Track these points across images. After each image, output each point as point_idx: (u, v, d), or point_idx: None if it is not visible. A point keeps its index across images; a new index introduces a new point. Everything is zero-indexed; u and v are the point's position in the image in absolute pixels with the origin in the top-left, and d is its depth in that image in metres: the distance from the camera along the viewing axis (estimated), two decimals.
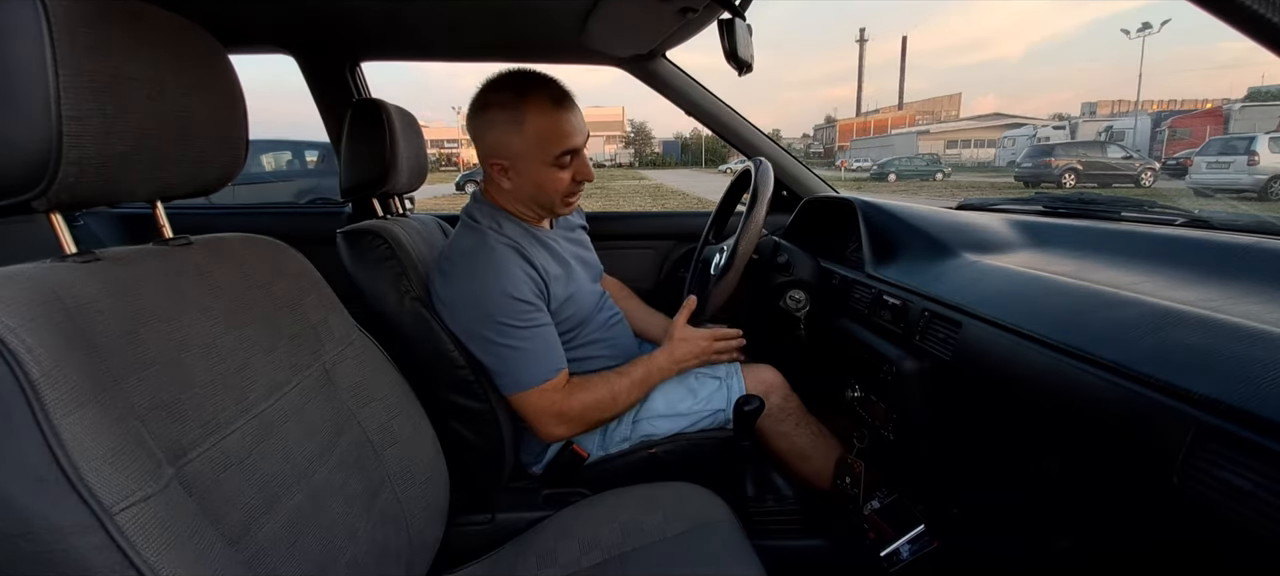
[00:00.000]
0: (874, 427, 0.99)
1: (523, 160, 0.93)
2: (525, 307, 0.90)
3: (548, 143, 0.91)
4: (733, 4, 0.92)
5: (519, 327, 0.90)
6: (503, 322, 0.89)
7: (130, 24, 0.49)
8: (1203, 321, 0.53)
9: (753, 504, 0.99)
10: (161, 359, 0.48)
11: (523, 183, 0.95)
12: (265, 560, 0.51)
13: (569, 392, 0.93)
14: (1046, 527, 0.73)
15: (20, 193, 0.44)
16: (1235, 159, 10.54)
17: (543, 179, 0.94)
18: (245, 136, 0.62)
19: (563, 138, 0.92)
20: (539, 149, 0.91)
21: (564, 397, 0.93)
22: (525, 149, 0.91)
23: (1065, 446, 0.61)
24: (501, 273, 0.90)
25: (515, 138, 0.91)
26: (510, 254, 0.92)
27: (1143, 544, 0.55)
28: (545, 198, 0.97)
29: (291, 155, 6.33)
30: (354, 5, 1.10)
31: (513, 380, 0.91)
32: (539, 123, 0.90)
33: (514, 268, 0.91)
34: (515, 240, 0.95)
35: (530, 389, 0.91)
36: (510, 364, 0.90)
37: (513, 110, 0.90)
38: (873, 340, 0.97)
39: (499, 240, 0.94)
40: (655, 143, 63.14)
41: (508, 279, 0.89)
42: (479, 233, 0.95)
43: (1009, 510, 0.81)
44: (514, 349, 0.90)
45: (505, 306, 0.89)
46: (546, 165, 0.93)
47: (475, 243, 0.93)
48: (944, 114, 67.50)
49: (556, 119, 0.91)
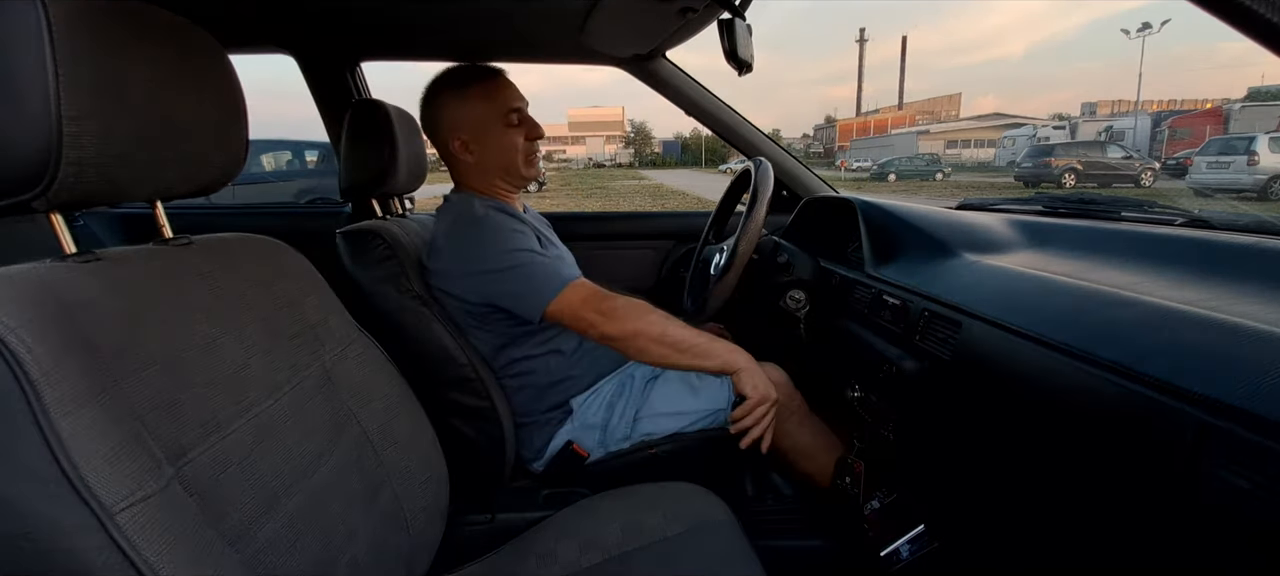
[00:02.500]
0: (874, 427, 0.99)
1: (479, 127, 1.01)
2: (523, 234, 0.96)
3: (495, 103, 1.01)
4: (733, 4, 0.92)
5: (524, 250, 0.94)
6: (507, 249, 0.93)
7: (130, 24, 0.49)
8: (1203, 321, 0.53)
9: (753, 503, 0.99)
10: (161, 359, 0.48)
11: (485, 152, 1.02)
12: (265, 560, 0.51)
13: (610, 294, 0.93)
14: (1046, 528, 0.73)
15: (20, 193, 0.44)
16: (1235, 159, 10.53)
17: (502, 141, 1.02)
18: (245, 136, 0.62)
19: (506, 98, 1.02)
20: (490, 111, 1.01)
21: (603, 294, 0.92)
22: (478, 115, 1.01)
23: (1065, 446, 0.61)
24: (491, 221, 0.97)
25: (466, 108, 1.01)
26: (497, 211, 1.00)
27: (1142, 544, 0.55)
28: (508, 159, 1.03)
29: (291, 155, 6.33)
30: (354, 5, 1.10)
31: (538, 294, 0.91)
32: (483, 89, 1.01)
33: (503, 217, 0.98)
34: (498, 206, 1.02)
35: (562, 290, 0.91)
36: (531, 280, 0.92)
37: (458, 88, 1.01)
38: (873, 340, 0.97)
39: (484, 204, 1.00)
40: (655, 143, 63.15)
41: (498, 222, 0.96)
42: (463, 206, 1.01)
43: (1009, 510, 0.81)
44: (527, 266, 0.92)
45: (504, 238, 0.94)
46: (500, 126, 1.01)
47: (458, 213, 1.00)
48: (944, 114, 67.51)
49: (495, 84, 1.02)
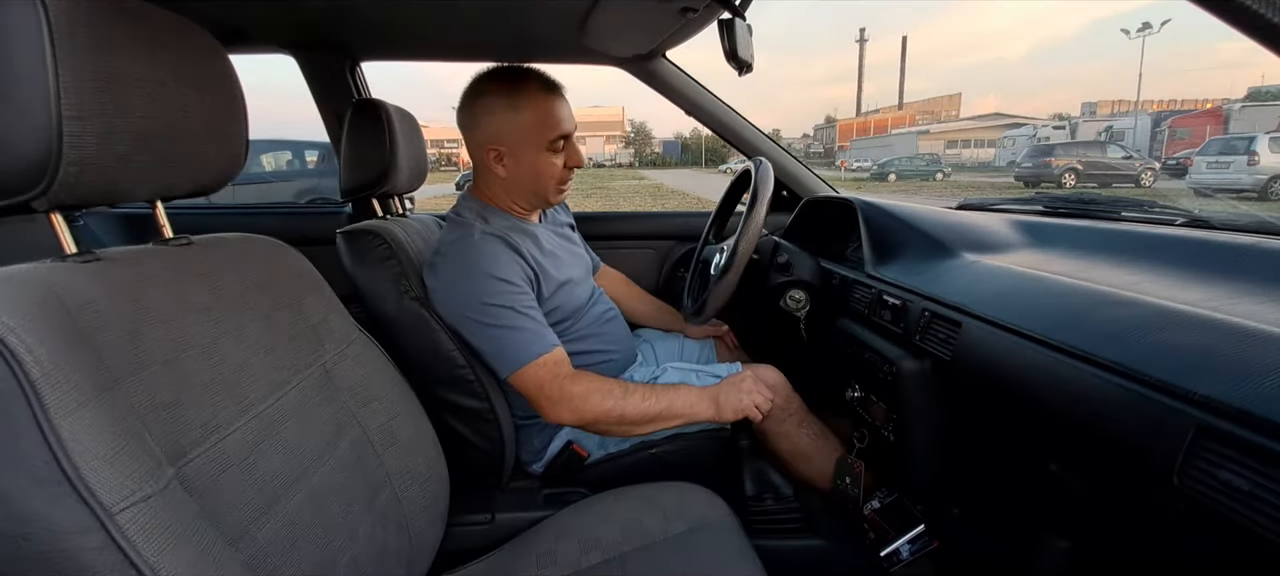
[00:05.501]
0: (874, 427, 0.99)
1: (520, 145, 0.95)
2: (512, 289, 0.91)
3: (544, 126, 0.95)
4: (733, 4, 0.92)
5: (507, 309, 0.89)
6: (491, 304, 0.89)
7: (130, 24, 0.49)
8: (1203, 321, 0.53)
9: (752, 504, 0.99)
10: (162, 359, 0.48)
11: (519, 169, 0.97)
12: (265, 560, 0.51)
13: (573, 376, 0.91)
14: (1046, 527, 0.73)
15: (20, 193, 0.44)
16: (1235, 159, 10.52)
17: (539, 164, 0.97)
18: (245, 136, 0.62)
19: (558, 122, 0.96)
20: (536, 132, 0.95)
21: (567, 375, 0.91)
22: (522, 133, 0.94)
23: (1065, 446, 0.62)
24: (487, 257, 0.91)
25: (512, 122, 0.94)
26: (495, 242, 0.93)
27: (1142, 543, 0.55)
28: (541, 184, 0.99)
29: (291, 155, 6.33)
30: (354, 5, 1.10)
31: (509, 359, 0.89)
32: (536, 106, 0.94)
33: (500, 253, 0.92)
34: (501, 232, 0.96)
35: (528, 364, 0.89)
36: (504, 343, 0.89)
37: (509, 96, 0.93)
38: (873, 340, 0.97)
39: (484, 230, 0.95)
40: (655, 143, 63.11)
41: (493, 262, 0.91)
42: (464, 226, 0.96)
43: (1009, 510, 0.81)
44: (506, 328, 0.89)
45: (492, 288, 0.89)
46: (542, 149, 0.96)
47: (461, 234, 0.94)
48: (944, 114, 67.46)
49: (551, 103, 0.95)
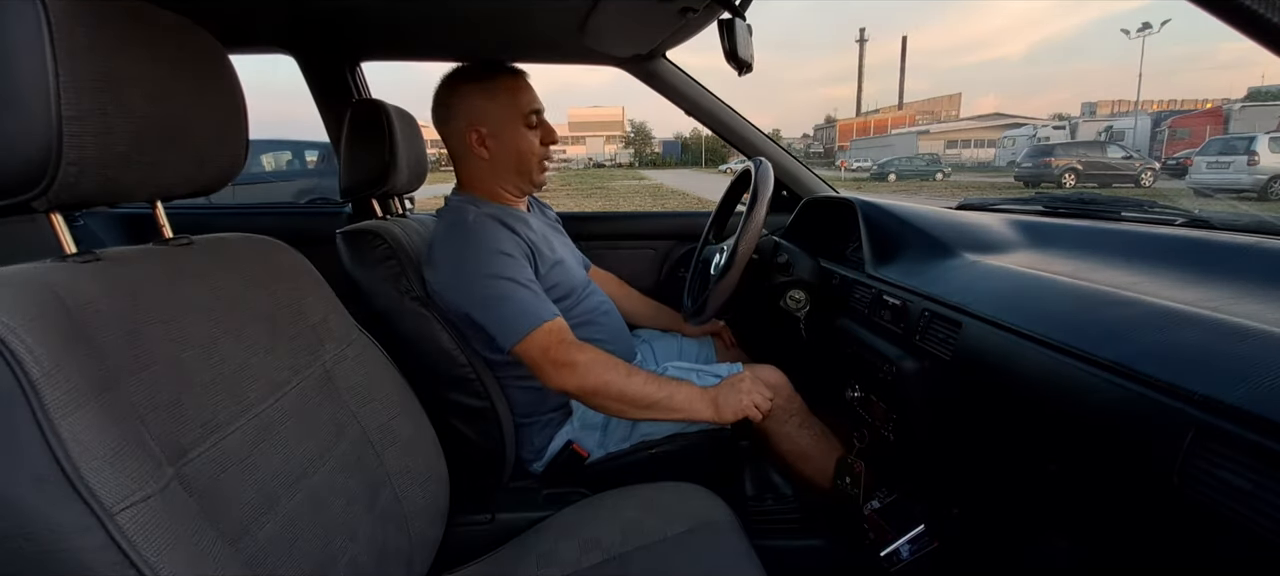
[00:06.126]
0: (874, 427, 0.99)
1: (501, 123, 1.01)
2: (512, 261, 0.93)
3: (519, 102, 1.01)
4: (733, 4, 0.92)
5: (508, 280, 0.91)
6: (491, 275, 0.91)
7: (130, 24, 0.49)
8: (1203, 321, 0.53)
9: (753, 504, 0.99)
10: (162, 359, 0.48)
11: (502, 149, 1.01)
12: (265, 560, 0.51)
13: (579, 344, 0.92)
14: (1046, 528, 0.73)
15: (20, 193, 0.44)
16: (1235, 159, 10.52)
17: (520, 142, 1.02)
18: (245, 136, 0.62)
19: (531, 98, 1.03)
20: (513, 109, 1.01)
21: (572, 342, 0.91)
22: (501, 112, 1.00)
23: (1065, 446, 0.61)
24: (484, 232, 0.95)
25: (490, 104, 1.00)
26: (491, 221, 0.97)
27: (1142, 544, 0.55)
28: (524, 162, 1.03)
29: (291, 155, 6.33)
30: (354, 5, 1.10)
31: (513, 328, 0.89)
32: (508, 87, 1.01)
33: (497, 230, 0.96)
34: (494, 214, 0.99)
35: (532, 331, 0.89)
36: (507, 312, 0.90)
37: (482, 82, 1.00)
38: (873, 340, 0.97)
39: (479, 213, 0.98)
40: (655, 143, 63.10)
41: (492, 238, 0.94)
42: (457, 212, 0.99)
43: (1009, 510, 0.81)
44: (508, 299, 0.90)
45: (492, 261, 0.92)
46: (521, 126, 1.01)
47: (455, 220, 0.98)
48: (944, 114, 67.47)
49: (521, 83, 1.03)
